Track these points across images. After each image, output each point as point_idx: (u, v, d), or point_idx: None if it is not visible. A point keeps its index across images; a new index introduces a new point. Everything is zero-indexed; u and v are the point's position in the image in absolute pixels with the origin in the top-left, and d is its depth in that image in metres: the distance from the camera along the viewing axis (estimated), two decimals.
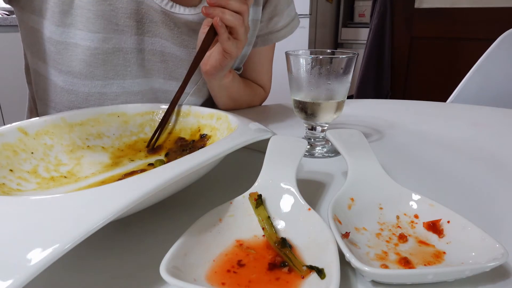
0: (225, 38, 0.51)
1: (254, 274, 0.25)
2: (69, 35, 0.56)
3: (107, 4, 0.56)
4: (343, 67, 0.45)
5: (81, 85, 0.58)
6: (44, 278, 0.22)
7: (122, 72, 0.60)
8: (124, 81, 0.61)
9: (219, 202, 0.31)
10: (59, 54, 0.57)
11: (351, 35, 2.95)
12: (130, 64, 0.60)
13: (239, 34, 0.52)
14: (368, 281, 0.25)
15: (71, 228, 0.22)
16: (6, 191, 0.34)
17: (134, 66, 0.61)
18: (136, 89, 0.62)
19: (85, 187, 0.38)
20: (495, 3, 2.16)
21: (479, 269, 0.24)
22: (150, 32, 0.60)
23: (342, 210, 0.30)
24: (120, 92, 0.61)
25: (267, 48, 0.77)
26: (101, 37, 0.56)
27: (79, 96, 0.59)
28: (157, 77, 0.64)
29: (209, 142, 0.44)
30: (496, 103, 0.81)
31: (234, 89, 0.68)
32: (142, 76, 0.62)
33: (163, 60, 0.63)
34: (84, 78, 0.58)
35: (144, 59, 0.61)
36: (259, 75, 0.80)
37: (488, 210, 0.35)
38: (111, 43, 0.57)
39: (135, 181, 0.26)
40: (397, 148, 0.52)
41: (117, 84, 0.60)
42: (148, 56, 0.62)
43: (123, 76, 0.60)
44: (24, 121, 0.41)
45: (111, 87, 0.60)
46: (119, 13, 0.57)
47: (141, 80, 0.62)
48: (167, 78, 0.65)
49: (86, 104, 0.60)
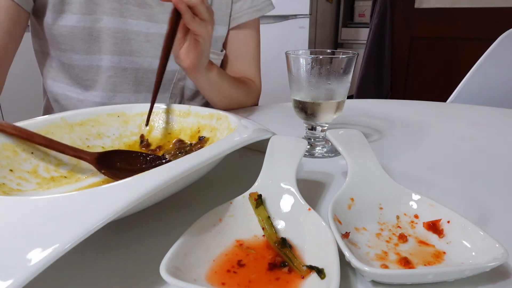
0: (189, 17, 0.52)
1: (254, 274, 0.25)
2: (68, 20, 0.65)
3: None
4: (343, 67, 0.45)
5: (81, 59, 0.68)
6: (44, 278, 0.22)
7: (112, 49, 0.68)
8: (112, 56, 0.68)
9: (219, 202, 0.31)
10: (62, 36, 0.66)
11: (351, 35, 2.95)
12: (118, 42, 0.67)
13: (202, 13, 0.53)
14: (368, 281, 0.25)
15: (71, 228, 0.22)
16: (6, 191, 0.34)
17: (122, 45, 0.68)
18: (125, 65, 0.70)
19: (85, 187, 0.38)
20: (495, 3, 2.16)
21: (479, 269, 0.24)
22: (134, 15, 0.67)
23: (342, 210, 0.30)
24: (109, 66, 0.68)
25: (248, 32, 0.80)
26: (93, 18, 0.65)
27: (77, 68, 0.68)
28: (144, 56, 0.70)
29: (207, 144, 0.44)
30: (496, 103, 0.81)
31: (225, 85, 0.70)
32: (129, 54, 0.69)
33: (147, 40, 0.69)
34: (80, 52, 0.67)
35: (131, 39, 0.68)
36: (245, 64, 0.82)
37: (488, 210, 0.35)
38: (101, 23, 0.65)
39: (135, 181, 0.26)
40: (397, 148, 0.52)
41: (107, 59, 0.68)
42: (134, 36, 0.68)
43: (111, 52, 0.68)
44: (24, 121, 0.41)
45: (100, 61, 0.68)
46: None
47: (129, 57, 0.69)
48: (154, 57, 0.71)
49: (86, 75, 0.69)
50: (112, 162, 0.40)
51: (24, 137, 0.38)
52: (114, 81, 0.70)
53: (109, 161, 0.40)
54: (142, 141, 0.47)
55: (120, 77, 0.70)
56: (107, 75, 0.69)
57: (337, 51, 0.47)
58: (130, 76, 0.71)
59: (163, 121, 0.49)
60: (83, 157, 0.39)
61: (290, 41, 2.49)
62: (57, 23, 0.65)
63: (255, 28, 0.82)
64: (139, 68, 0.71)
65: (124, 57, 0.69)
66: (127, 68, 0.70)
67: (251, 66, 0.82)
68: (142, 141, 0.47)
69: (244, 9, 0.78)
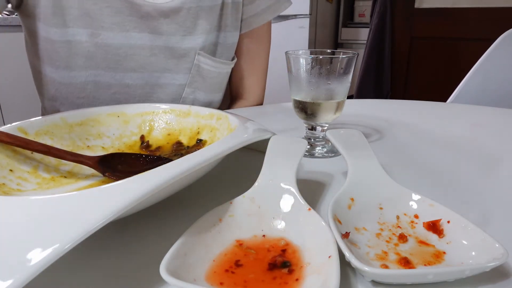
0: None
1: (252, 274, 0.25)
2: (62, 34, 0.60)
3: (91, 3, 0.59)
4: (343, 67, 0.45)
5: (78, 76, 0.62)
6: (44, 278, 0.22)
7: (113, 66, 0.63)
8: (115, 73, 0.64)
9: (219, 202, 0.31)
10: (55, 52, 0.60)
11: (351, 35, 2.95)
12: (120, 59, 0.63)
13: None
14: (368, 281, 0.25)
15: (71, 228, 0.22)
16: (6, 191, 0.34)
17: (125, 61, 0.64)
18: (128, 82, 0.65)
19: (85, 187, 0.38)
20: (495, 3, 2.16)
21: (479, 269, 0.24)
22: (137, 28, 0.63)
23: (342, 210, 0.30)
24: (113, 83, 0.64)
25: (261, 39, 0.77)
26: (90, 32, 0.60)
27: (77, 87, 0.63)
28: (151, 70, 0.66)
29: (205, 146, 0.44)
30: (496, 103, 0.81)
31: None
32: (133, 70, 0.65)
33: (153, 53, 0.65)
34: (79, 70, 0.62)
35: (135, 53, 0.64)
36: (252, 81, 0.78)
37: (488, 210, 0.35)
38: (99, 38, 0.61)
39: (135, 181, 0.26)
40: (397, 148, 0.52)
41: (110, 76, 0.64)
42: (138, 50, 0.64)
43: (115, 69, 0.63)
44: (24, 121, 0.41)
45: (103, 77, 0.64)
46: (104, 12, 0.59)
47: (134, 74, 0.65)
48: (160, 71, 0.67)
49: (84, 93, 0.64)
50: (113, 164, 0.40)
51: (20, 145, 0.37)
52: (118, 98, 0.66)
53: (110, 164, 0.40)
54: (142, 142, 0.47)
55: (123, 93, 0.66)
56: (111, 92, 0.65)
57: (337, 51, 0.47)
58: (135, 93, 0.67)
59: (163, 121, 0.49)
60: (84, 161, 0.39)
61: (290, 41, 2.49)
62: (50, 38, 0.60)
63: (268, 34, 0.78)
64: (145, 84, 0.67)
65: (128, 74, 0.65)
66: (131, 85, 0.66)
67: (259, 82, 0.80)
68: (143, 143, 0.47)
69: (258, 11, 0.73)
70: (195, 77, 0.69)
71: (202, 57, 0.69)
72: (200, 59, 0.69)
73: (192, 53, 0.68)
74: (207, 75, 0.71)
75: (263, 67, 0.80)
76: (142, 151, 0.46)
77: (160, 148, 0.47)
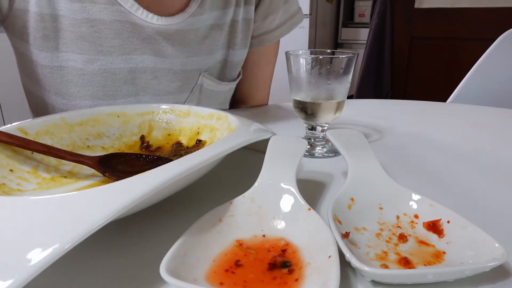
0: None
1: (251, 274, 0.25)
2: (53, 59, 0.55)
3: (88, 26, 0.54)
4: (343, 67, 0.45)
5: (70, 105, 0.58)
6: (44, 278, 0.22)
7: (112, 93, 0.59)
8: (114, 100, 0.59)
9: (219, 202, 0.31)
10: (46, 77, 0.56)
11: (351, 35, 2.96)
12: (120, 84, 0.59)
13: None
14: (368, 281, 0.25)
15: (71, 228, 0.22)
16: (6, 191, 0.34)
17: (125, 86, 0.59)
18: None
19: (85, 187, 0.38)
20: (495, 3, 2.16)
21: (479, 269, 0.24)
22: (139, 50, 0.58)
23: (342, 210, 0.30)
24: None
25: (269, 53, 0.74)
26: (85, 58, 0.55)
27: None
28: (151, 94, 0.62)
29: (205, 146, 0.44)
30: (496, 103, 0.81)
31: None
32: (134, 94, 0.61)
33: (155, 76, 0.61)
34: (72, 98, 0.57)
35: (136, 77, 0.60)
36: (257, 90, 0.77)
37: (488, 210, 0.35)
38: (96, 64, 0.56)
39: (135, 181, 0.26)
40: (397, 148, 0.52)
41: (107, 103, 0.58)
42: (139, 74, 0.60)
43: (113, 96, 0.59)
44: (24, 121, 0.41)
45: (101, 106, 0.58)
46: (102, 34, 0.55)
47: (134, 99, 0.61)
48: (162, 94, 0.63)
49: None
50: (113, 164, 0.40)
51: (20, 145, 0.37)
52: None
53: (110, 164, 0.40)
54: (142, 143, 0.47)
55: None
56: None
57: (337, 51, 0.47)
58: None
59: (163, 121, 0.49)
60: (84, 161, 0.39)
61: (290, 41, 2.49)
62: (39, 62, 0.55)
63: (277, 47, 0.75)
64: None
65: (128, 99, 0.60)
66: None
67: (263, 91, 0.78)
68: (143, 143, 0.47)
69: (270, 28, 0.69)
70: (197, 94, 0.67)
71: (206, 78, 0.66)
72: (204, 80, 0.66)
73: (196, 74, 0.65)
74: (210, 94, 0.68)
75: (269, 76, 0.78)
76: (142, 151, 0.46)
77: (160, 148, 0.47)
